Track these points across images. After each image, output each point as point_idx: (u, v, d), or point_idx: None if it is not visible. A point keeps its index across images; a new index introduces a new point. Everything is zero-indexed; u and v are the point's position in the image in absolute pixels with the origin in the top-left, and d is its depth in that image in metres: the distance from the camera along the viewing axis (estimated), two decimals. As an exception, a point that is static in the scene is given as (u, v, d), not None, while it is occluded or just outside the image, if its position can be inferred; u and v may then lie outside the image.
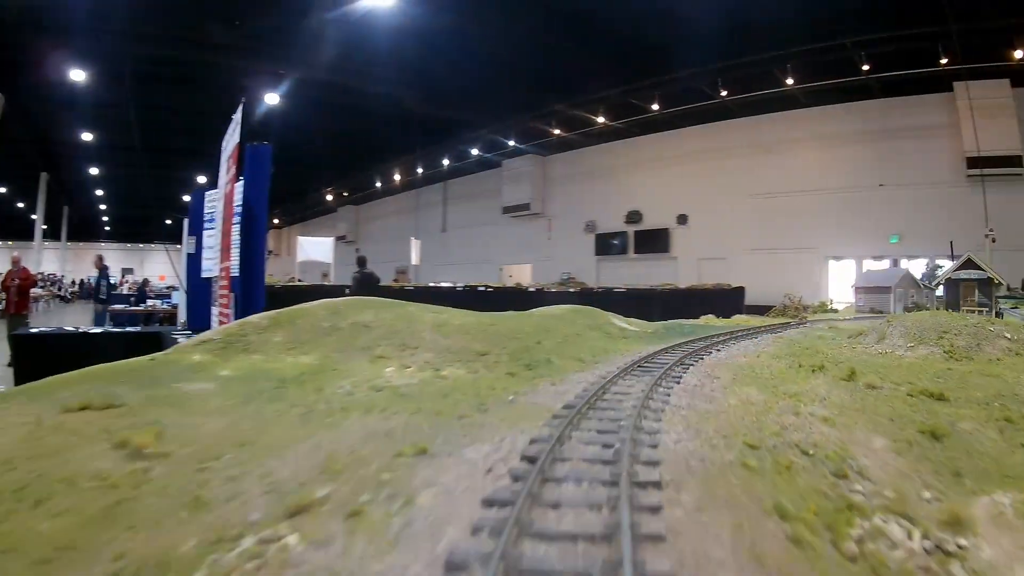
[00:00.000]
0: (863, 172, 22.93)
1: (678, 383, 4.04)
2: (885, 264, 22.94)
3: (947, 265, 16.90)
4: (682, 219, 26.33)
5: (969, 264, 11.11)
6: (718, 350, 6.13)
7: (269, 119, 24.71)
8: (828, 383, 4.18)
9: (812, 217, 23.62)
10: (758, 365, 5.10)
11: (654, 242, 26.91)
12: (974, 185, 21.68)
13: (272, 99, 23.91)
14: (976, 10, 18.46)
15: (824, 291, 23.50)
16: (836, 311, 17.01)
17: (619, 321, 8.43)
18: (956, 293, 10.95)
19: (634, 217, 27.53)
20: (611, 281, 25.70)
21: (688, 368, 4.74)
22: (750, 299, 20.91)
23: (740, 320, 12.99)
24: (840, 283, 23.61)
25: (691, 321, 11.34)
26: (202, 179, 28.91)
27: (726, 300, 20.27)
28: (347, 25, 18.54)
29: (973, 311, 10.27)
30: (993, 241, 18.00)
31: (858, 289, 16.27)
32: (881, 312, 13.97)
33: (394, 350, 4.81)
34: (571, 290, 22.77)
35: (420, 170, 33.38)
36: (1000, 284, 11.35)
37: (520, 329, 5.97)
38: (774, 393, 3.80)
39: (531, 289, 23.56)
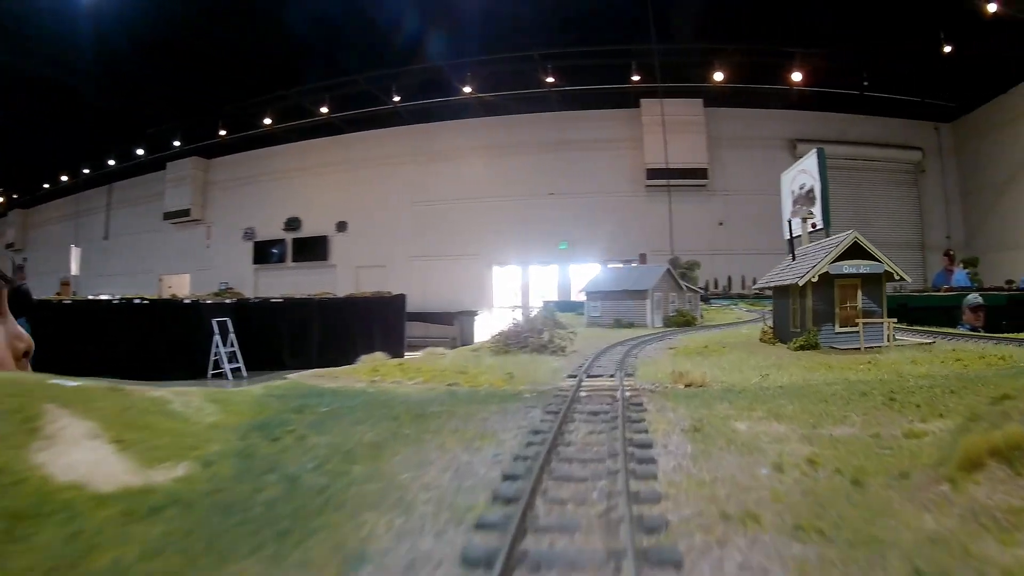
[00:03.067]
0: (535, 181, 22.68)
1: None
2: (555, 268, 22.18)
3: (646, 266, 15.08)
4: (342, 226, 25.20)
5: (854, 251, 6.06)
6: None
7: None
8: None
9: (478, 224, 23.01)
10: None
11: (313, 250, 25.58)
12: (653, 195, 21.97)
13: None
14: (674, 33, 18.70)
15: (489, 296, 22.78)
16: (571, 332, 11.31)
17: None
18: (828, 297, 5.99)
19: (293, 224, 25.87)
20: (270, 291, 23.90)
21: None
22: (412, 306, 19.34)
23: (428, 369, 4.73)
24: (503, 288, 23.16)
25: (338, 383, 3.87)
26: None
27: (386, 309, 19.01)
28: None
29: (856, 326, 5.79)
30: (814, 227, 13.38)
31: (592, 295, 11.47)
32: (632, 324, 9.70)
33: None
34: (227, 301, 20.20)
35: (87, 171, 29.55)
36: (901, 281, 6.50)
37: None
38: None
39: (186, 301, 20.58)
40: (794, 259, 6.81)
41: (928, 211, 24.25)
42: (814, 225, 17.28)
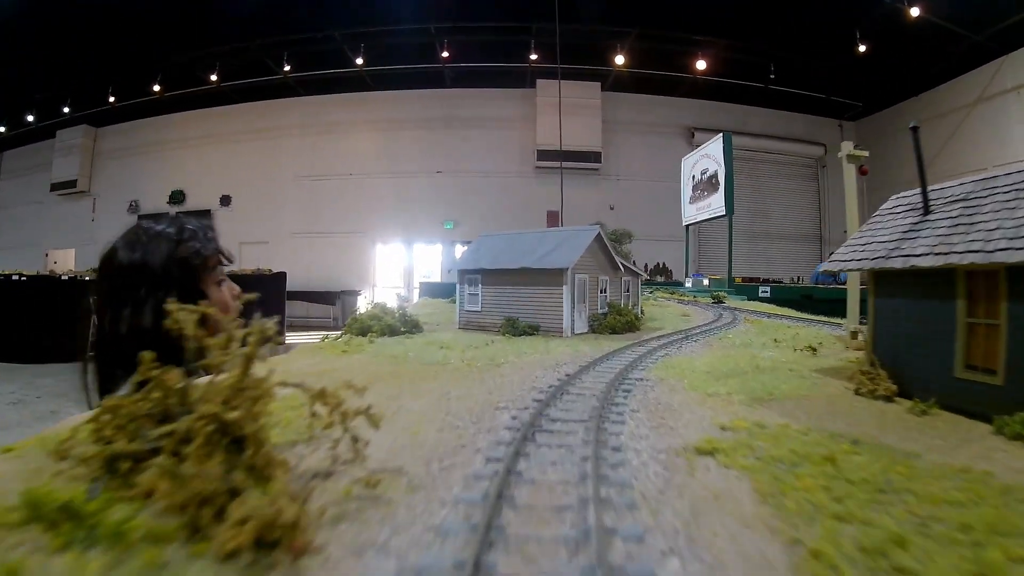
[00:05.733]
0: (423, 158, 22.36)
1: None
2: (438, 248, 21.50)
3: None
4: (225, 200, 24.42)
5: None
6: None
7: None
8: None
9: (363, 200, 22.54)
10: None
11: (197, 224, 23.96)
12: (543, 176, 21.69)
13: None
14: (578, 14, 18.40)
15: (372, 275, 22.41)
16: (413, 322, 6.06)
17: None
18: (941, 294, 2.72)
19: (178, 197, 25.04)
20: (152, 268, 22.25)
21: None
22: (292, 285, 18.87)
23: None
24: (387, 266, 22.69)
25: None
26: None
27: (267, 287, 18.00)
28: None
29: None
30: (863, 172, 10.48)
31: (469, 275, 6.73)
32: (537, 328, 5.58)
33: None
34: (107, 278, 19.20)
35: (-24, 137, 27.54)
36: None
37: None
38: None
39: (64, 278, 19.99)
40: (927, 212, 3.37)
41: (828, 206, 24.55)
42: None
